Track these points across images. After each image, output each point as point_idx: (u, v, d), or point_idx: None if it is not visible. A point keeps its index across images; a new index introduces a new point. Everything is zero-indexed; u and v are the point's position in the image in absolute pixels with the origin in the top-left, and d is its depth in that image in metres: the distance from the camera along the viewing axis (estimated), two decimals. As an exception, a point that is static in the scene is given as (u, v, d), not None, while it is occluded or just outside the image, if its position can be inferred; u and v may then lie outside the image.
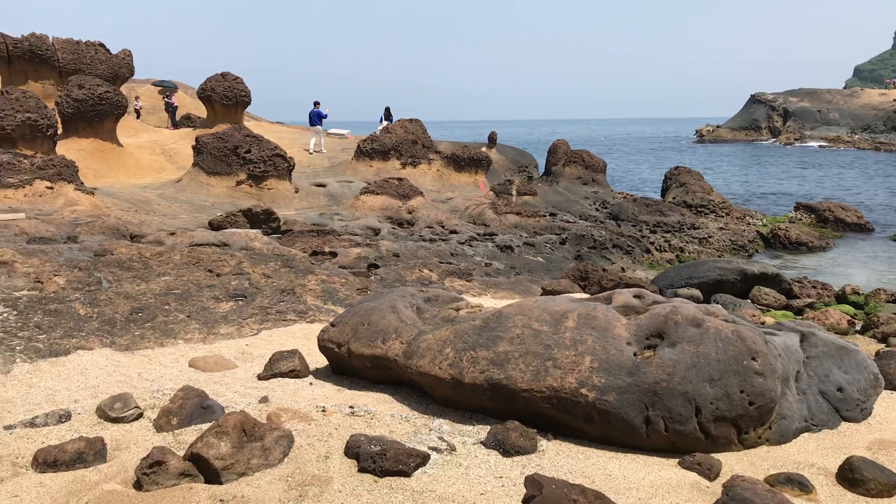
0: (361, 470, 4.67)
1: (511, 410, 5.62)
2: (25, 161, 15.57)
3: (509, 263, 15.21)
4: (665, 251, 19.62)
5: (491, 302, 10.93)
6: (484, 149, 28.23)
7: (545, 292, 12.11)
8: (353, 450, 4.85)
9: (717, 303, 12.47)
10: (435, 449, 5.07)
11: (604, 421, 5.32)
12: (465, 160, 25.52)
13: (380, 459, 4.65)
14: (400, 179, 19.85)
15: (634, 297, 6.44)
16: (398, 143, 25.06)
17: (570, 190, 26.28)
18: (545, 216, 21.30)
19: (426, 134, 26.03)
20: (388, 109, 30.44)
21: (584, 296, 10.59)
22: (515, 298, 11.64)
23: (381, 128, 27.53)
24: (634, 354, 5.56)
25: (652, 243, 19.92)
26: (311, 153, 27.65)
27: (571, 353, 5.58)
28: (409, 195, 18.94)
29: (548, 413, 5.52)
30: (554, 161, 28.36)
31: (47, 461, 4.81)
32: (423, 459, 4.80)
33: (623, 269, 16.50)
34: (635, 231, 21.13)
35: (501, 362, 5.70)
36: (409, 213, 18.36)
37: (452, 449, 5.11)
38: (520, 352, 5.72)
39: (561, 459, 5.08)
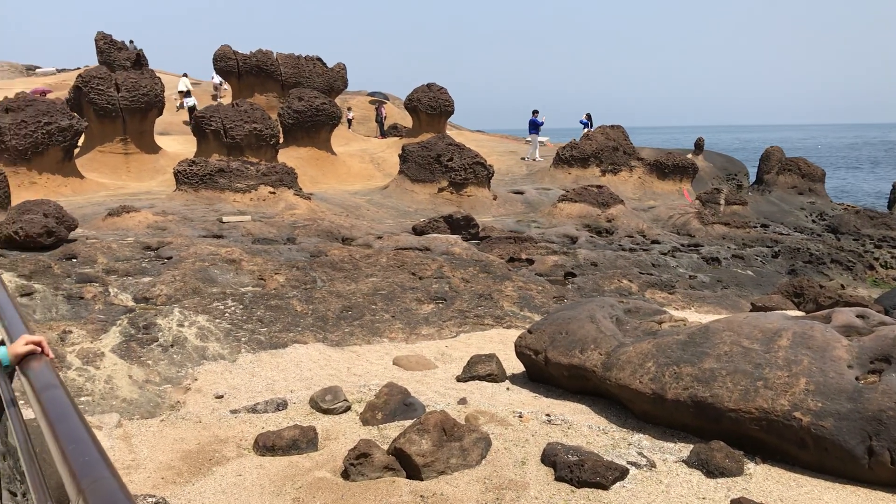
0: (558, 479, 4.65)
1: (715, 430, 5.37)
2: (252, 168, 16.97)
3: (715, 276, 14.54)
4: (891, 268, 17.92)
5: (695, 316, 10.50)
6: (690, 155, 27.18)
7: (755, 308, 11.45)
8: (549, 458, 4.85)
9: (955, 327, 11.19)
10: (634, 464, 4.95)
11: (819, 448, 4.94)
12: (670, 167, 24.70)
13: (577, 470, 4.61)
14: (599, 187, 19.57)
15: (857, 316, 5.94)
16: (598, 149, 24.72)
17: (784, 200, 24.69)
18: (756, 227, 20.14)
19: (628, 140, 25.47)
20: (588, 115, 30.14)
21: (799, 314, 9.91)
22: (722, 314, 11.12)
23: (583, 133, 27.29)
24: (856, 379, 5.13)
25: (876, 259, 18.26)
26: (536, 160, 27.86)
27: (784, 374, 5.24)
28: (608, 203, 18.62)
29: (756, 435, 5.21)
30: (766, 169, 26.76)
31: (266, 445, 5.21)
32: (622, 473, 4.70)
33: (843, 286, 15.25)
34: (857, 245, 19.47)
35: (707, 379, 5.47)
36: (609, 221, 18.05)
37: (652, 465, 4.97)
38: (727, 370, 5.46)
39: (770, 485, 4.78)
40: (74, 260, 9.76)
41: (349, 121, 37.13)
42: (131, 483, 4.71)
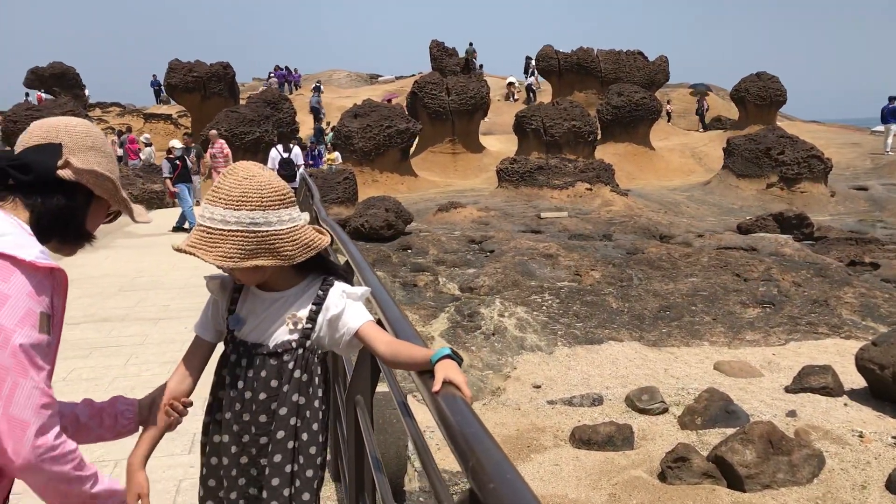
0: (907, 510, 4.14)
1: None
2: (569, 165, 17.26)
3: None
4: None
5: None
6: None
7: None
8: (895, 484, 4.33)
9: None
10: None
11: None
12: None
13: (932, 503, 4.06)
14: (965, 182, 16.98)
15: None
16: (964, 139, 21.43)
17: None
18: None
19: None
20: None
21: None
22: None
23: None
24: None
25: None
26: (888, 153, 25.04)
27: None
28: (976, 201, 16.09)
29: None
30: None
31: (582, 438, 5.28)
32: None
33: None
34: None
35: None
36: (976, 221, 15.58)
37: None
38: None
39: None
40: (409, 251, 10.68)
41: (668, 114, 36.11)
42: (455, 464, 5.05)
